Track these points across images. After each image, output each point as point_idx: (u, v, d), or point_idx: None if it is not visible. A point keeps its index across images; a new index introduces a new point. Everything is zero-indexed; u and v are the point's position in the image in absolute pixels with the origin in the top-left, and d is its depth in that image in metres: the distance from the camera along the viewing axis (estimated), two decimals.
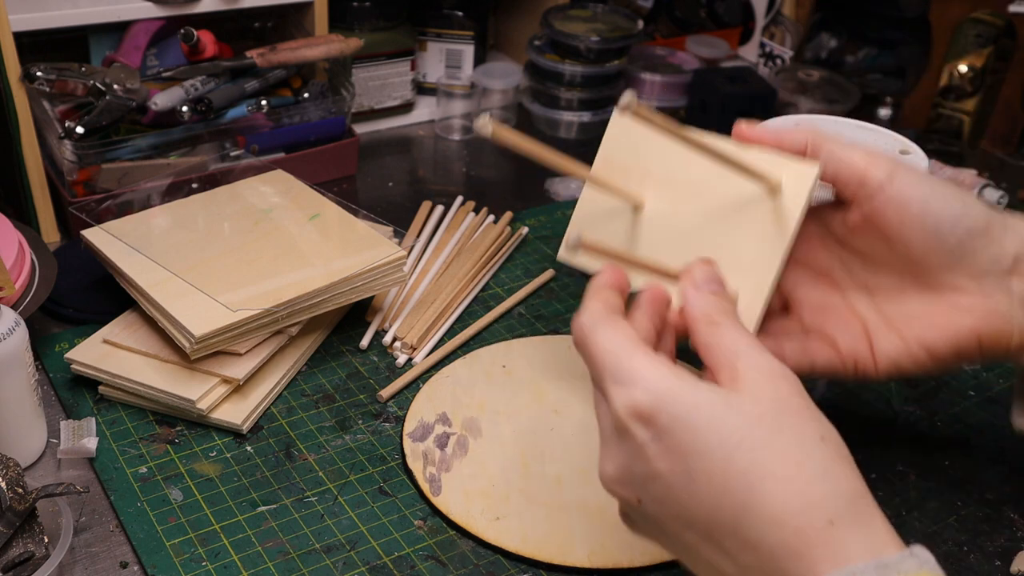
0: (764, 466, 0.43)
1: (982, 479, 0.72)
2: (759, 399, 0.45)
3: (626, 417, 0.46)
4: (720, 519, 0.43)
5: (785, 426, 0.44)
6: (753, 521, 0.43)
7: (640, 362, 0.46)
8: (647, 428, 0.45)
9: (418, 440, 0.72)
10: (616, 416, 0.46)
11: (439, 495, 0.68)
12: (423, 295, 0.86)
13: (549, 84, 1.15)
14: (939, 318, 0.56)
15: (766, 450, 0.43)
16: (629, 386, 0.46)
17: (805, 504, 0.42)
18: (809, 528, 0.42)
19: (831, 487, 0.43)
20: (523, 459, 0.70)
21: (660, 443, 0.45)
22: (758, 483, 0.43)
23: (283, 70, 0.99)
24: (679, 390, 0.45)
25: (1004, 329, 0.55)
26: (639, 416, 0.45)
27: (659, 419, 0.45)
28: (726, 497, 0.43)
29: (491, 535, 0.65)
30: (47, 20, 0.85)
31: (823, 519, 0.42)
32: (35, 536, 0.60)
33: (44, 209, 0.90)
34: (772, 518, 0.42)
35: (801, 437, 0.44)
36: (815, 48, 1.35)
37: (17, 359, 0.65)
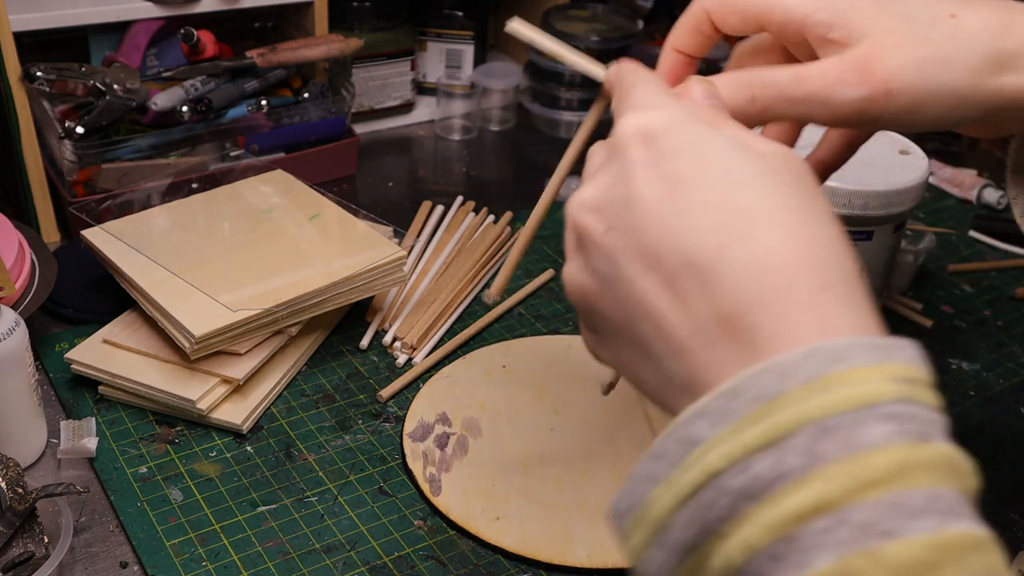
0: (770, 212, 0.37)
1: (982, 479, 0.72)
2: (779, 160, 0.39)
3: (627, 134, 0.40)
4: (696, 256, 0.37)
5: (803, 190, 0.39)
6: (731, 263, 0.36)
7: (668, 98, 0.42)
8: (647, 147, 0.39)
9: (418, 440, 0.72)
10: (617, 135, 0.41)
11: (439, 495, 0.68)
12: (423, 295, 0.86)
13: (549, 84, 1.15)
14: None
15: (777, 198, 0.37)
16: (645, 111, 0.41)
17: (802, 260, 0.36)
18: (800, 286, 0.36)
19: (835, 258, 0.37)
20: (523, 459, 0.70)
21: (656, 167, 0.39)
22: (757, 224, 0.37)
23: (283, 70, 0.99)
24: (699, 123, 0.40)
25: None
26: (643, 134, 0.40)
27: (665, 140, 0.39)
28: (714, 234, 0.36)
29: (491, 535, 0.65)
30: (47, 20, 0.85)
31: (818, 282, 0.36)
32: (35, 536, 0.60)
33: (44, 209, 0.90)
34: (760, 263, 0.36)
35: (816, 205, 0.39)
36: None
37: (17, 359, 0.65)
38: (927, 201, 1.08)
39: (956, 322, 0.89)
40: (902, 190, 0.77)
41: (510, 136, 1.17)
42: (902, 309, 0.90)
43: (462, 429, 0.73)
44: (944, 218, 1.05)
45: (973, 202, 1.08)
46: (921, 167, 0.80)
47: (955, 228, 1.03)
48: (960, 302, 0.92)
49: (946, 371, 0.83)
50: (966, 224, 1.04)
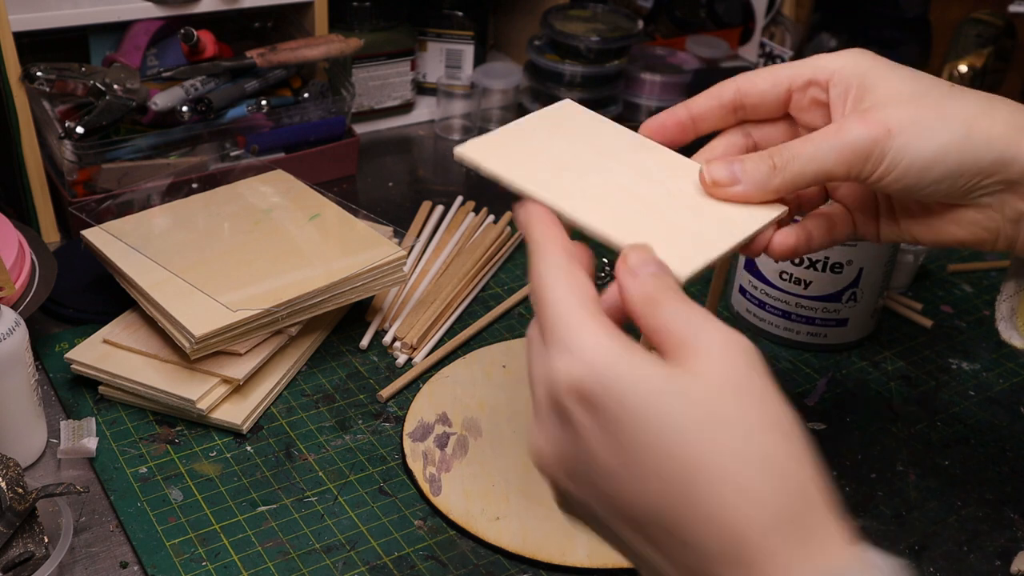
0: (704, 458, 0.38)
1: (982, 479, 0.72)
2: (709, 378, 0.40)
3: (565, 393, 0.41)
4: (658, 516, 0.39)
5: (732, 412, 0.40)
6: (691, 522, 0.38)
7: (587, 329, 0.42)
8: (590, 413, 0.41)
9: (418, 440, 0.72)
10: (554, 388, 0.42)
11: (439, 495, 0.68)
12: (423, 295, 0.86)
13: (549, 84, 1.15)
14: (930, 227, 0.60)
15: (708, 440, 0.39)
16: (569, 355, 0.41)
17: (745, 503, 0.38)
18: (749, 534, 0.38)
19: (776, 485, 0.39)
20: (523, 459, 0.70)
21: (598, 427, 0.40)
22: (697, 478, 0.38)
23: (283, 70, 0.99)
24: (620, 365, 0.41)
25: (988, 239, 0.58)
26: (580, 396, 0.41)
27: (598, 399, 0.40)
28: (665, 495, 0.39)
29: (491, 535, 0.65)
30: (47, 20, 0.85)
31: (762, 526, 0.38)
32: (35, 536, 0.60)
33: (44, 209, 0.90)
34: (711, 519, 0.38)
35: (748, 426, 0.40)
36: (815, 48, 1.35)
37: (17, 359, 0.65)
38: None
39: (956, 322, 0.89)
40: None
41: None
42: (902, 309, 0.90)
43: (462, 429, 0.73)
44: None
45: None
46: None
47: None
48: (960, 302, 0.92)
49: (946, 371, 0.83)
50: None
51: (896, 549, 0.66)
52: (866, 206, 0.62)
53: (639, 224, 0.55)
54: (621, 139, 0.62)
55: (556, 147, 0.61)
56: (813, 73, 0.59)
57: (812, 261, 0.80)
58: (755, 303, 0.85)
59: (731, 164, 0.56)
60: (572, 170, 0.59)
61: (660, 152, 0.61)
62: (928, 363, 0.84)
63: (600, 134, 0.63)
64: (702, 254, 0.53)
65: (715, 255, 0.54)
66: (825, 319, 0.83)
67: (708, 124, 0.62)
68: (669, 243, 0.53)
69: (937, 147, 0.54)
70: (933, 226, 0.59)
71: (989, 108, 0.55)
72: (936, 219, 0.59)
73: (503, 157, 0.59)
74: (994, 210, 0.57)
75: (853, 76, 0.57)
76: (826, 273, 0.80)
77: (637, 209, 0.57)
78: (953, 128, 0.54)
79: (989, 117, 0.54)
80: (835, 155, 0.54)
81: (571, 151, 0.61)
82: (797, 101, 0.60)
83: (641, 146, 0.62)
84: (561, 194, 0.57)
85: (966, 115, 0.54)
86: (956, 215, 0.58)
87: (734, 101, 0.61)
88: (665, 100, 1.21)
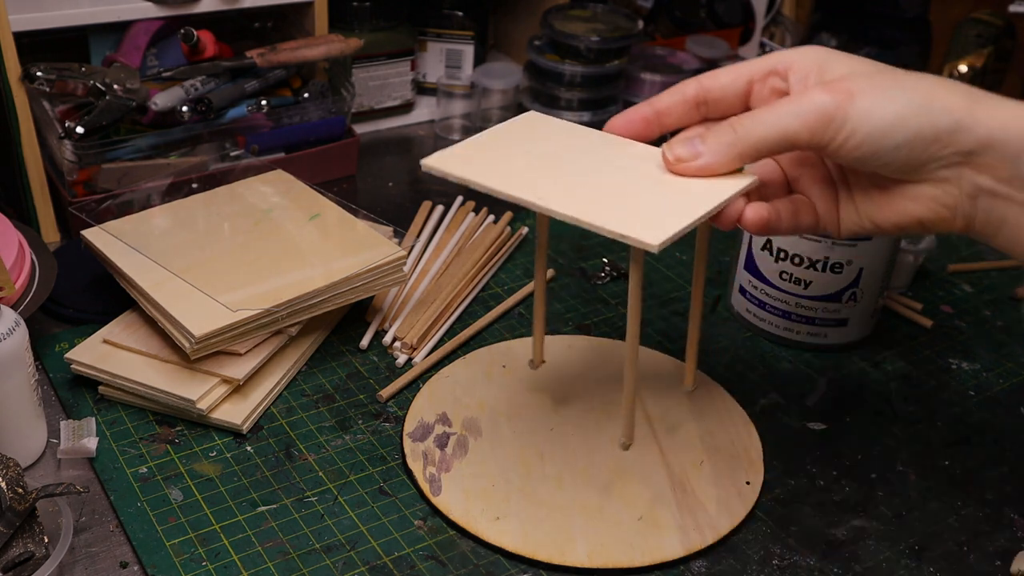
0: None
1: (982, 479, 0.72)
2: None
3: None
4: None
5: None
6: None
7: None
8: None
9: (418, 440, 0.72)
10: None
11: (439, 495, 0.68)
12: (423, 295, 0.86)
13: (549, 84, 1.15)
14: (888, 205, 0.60)
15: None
16: None
17: None
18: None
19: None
20: (523, 459, 0.70)
21: None
22: None
23: (283, 70, 0.99)
24: None
25: (947, 216, 0.59)
26: None
27: None
28: None
29: (491, 535, 0.65)
30: (47, 20, 0.85)
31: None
32: (35, 536, 0.60)
33: (44, 209, 0.90)
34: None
35: None
36: None
37: (17, 359, 0.65)
38: None
39: (956, 322, 0.89)
40: None
41: None
42: (902, 309, 0.90)
43: (462, 429, 0.73)
44: None
45: None
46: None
47: None
48: (960, 302, 0.92)
49: (946, 371, 0.83)
50: None
51: (896, 549, 0.66)
52: (825, 192, 0.63)
53: (610, 207, 0.57)
54: (587, 138, 0.64)
55: (523, 151, 0.63)
56: (773, 65, 0.61)
57: (812, 261, 0.80)
58: (755, 303, 0.85)
59: (691, 139, 0.59)
60: (541, 169, 0.61)
61: (625, 144, 0.63)
62: (928, 363, 0.84)
63: (566, 136, 0.64)
64: (672, 225, 0.55)
65: (686, 223, 0.55)
66: (825, 319, 0.83)
67: (672, 119, 0.63)
68: (640, 219, 0.55)
69: (896, 111, 0.55)
70: (892, 204, 0.60)
71: (943, 83, 0.57)
72: (895, 197, 0.59)
73: (471, 164, 0.61)
74: (951, 184, 0.57)
75: (812, 63, 0.59)
76: (826, 273, 0.80)
77: (607, 194, 0.58)
78: (911, 96, 0.56)
79: (945, 88, 0.56)
80: (799, 120, 0.56)
81: (537, 152, 0.62)
82: (758, 92, 0.62)
83: (607, 142, 0.63)
84: (530, 189, 0.58)
85: (923, 86, 0.56)
86: (914, 191, 0.58)
87: (697, 96, 0.62)
88: None
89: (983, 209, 0.57)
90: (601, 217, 0.55)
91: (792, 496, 0.70)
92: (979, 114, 0.55)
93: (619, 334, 0.85)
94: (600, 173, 0.60)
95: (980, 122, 0.55)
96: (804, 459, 0.73)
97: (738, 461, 0.71)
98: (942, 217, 0.58)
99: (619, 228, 0.54)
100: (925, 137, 0.55)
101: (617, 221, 0.55)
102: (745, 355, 0.84)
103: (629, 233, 0.54)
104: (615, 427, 0.73)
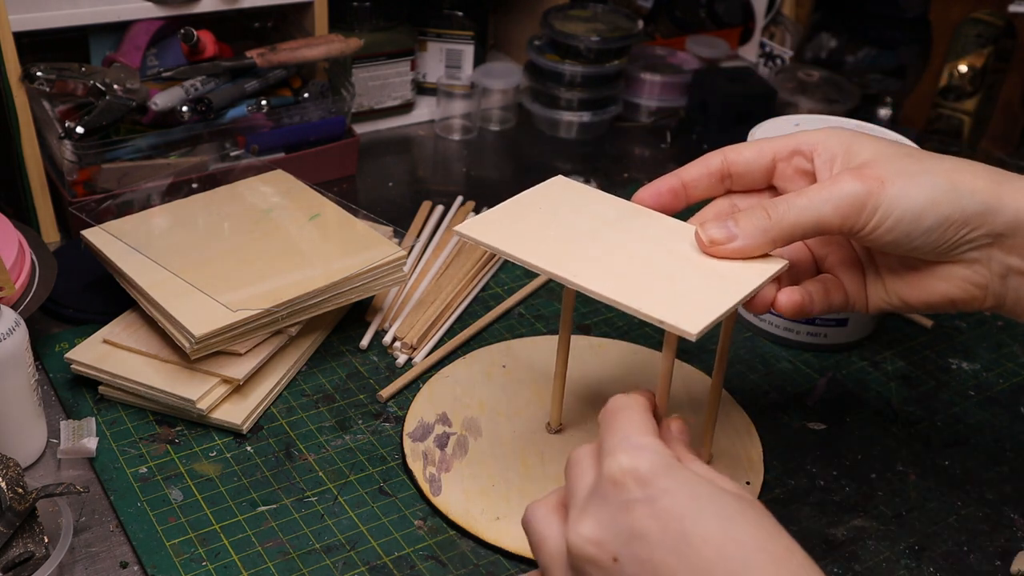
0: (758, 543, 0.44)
1: (982, 479, 0.72)
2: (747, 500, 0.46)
3: (622, 474, 0.46)
4: None
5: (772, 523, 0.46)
6: None
7: (655, 442, 0.48)
8: (643, 488, 0.45)
9: (418, 440, 0.72)
10: (610, 472, 0.46)
11: (439, 495, 0.68)
12: (423, 295, 0.86)
13: (549, 84, 1.15)
14: (918, 285, 0.61)
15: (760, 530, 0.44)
16: (635, 452, 0.47)
17: None
18: None
19: None
20: (523, 459, 0.70)
21: (654, 503, 0.45)
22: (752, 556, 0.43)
23: (283, 70, 0.99)
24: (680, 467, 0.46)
25: (978, 295, 0.59)
26: (637, 477, 0.46)
27: (658, 481, 0.45)
28: (718, 564, 0.43)
29: (491, 535, 0.65)
30: (47, 20, 0.85)
31: None
32: (35, 536, 0.60)
33: (44, 209, 0.90)
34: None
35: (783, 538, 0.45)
36: (815, 48, 1.35)
37: (17, 359, 0.65)
38: None
39: (956, 322, 0.89)
40: None
41: (510, 136, 1.18)
42: None
43: (462, 429, 0.73)
44: None
45: None
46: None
47: None
48: None
49: (946, 371, 0.83)
50: None
51: (896, 549, 0.66)
52: (852, 271, 0.64)
53: (643, 287, 0.58)
54: (615, 208, 0.64)
55: (553, 220, 0.63)
56: (797, 144, 0.61)
57: None
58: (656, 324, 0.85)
59: (725, 222, 0.59)
60: (572, 241, 0.61)
61: (655, 218, 0.63)
62: (928, 363, 0.84)
63: (594, 205, 0.65)
64: (710, 312, 0.55)
65: (722, 311, 0.56)
66: (825, 319, 0.83)
67: (699, 191, 0.64)
68: (675, 304, 0.56)
69: (927, 197, 0.56)
70: (922, 284, 0.60)
71: (966, 165, 0.58)
72: (925, 277, 0.60)
73: (503, 233, 0.62)
74: (982, 265, 0.58)
75: (838, 145, 0.60)
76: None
77: (640, 273, 0.59)
78: (939, 180, 0.56)
79: (969, 172, 0.57)
80: (831, 206, 0.57)
81: (568, 223, 0.63)
82: (782, 171, 0.62)
83: (636, 213, 0.64)
84: (565, 264, 0.59)
85: (947, 169, 0.57)
86: (944, 271, 0.59)
87: (721, 170, 0.63)
88: (665, 100, 1.21)
89: (1013, 288, 0.58)
90: (637, 300, 0.56)
91: (792, 496, 0.70)
92: (1006, 197, 0.56)
93: (618, 334, 0.85)
94: (631, 249, 0.61)
95: (1007, 204, 0.56)
96: (804, 459, 0.73)
97: (738, 461, 0.71)
98: (973, 296, 0.59)
99: (657, 314, 0.55)
100: (954, 221, 0.56)
101: (653, 305, 0.56)
102: (745, 355, 0.84)
103: (667, 320, 0.55)
104: None
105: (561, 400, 0.70)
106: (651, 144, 1.18)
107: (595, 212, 0.64)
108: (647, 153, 1.16)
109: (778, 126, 0.85)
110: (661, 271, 0.59)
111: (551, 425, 0.72)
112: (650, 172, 1.11)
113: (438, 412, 0.74)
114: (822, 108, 1.19)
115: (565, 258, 0.59)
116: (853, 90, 1.23)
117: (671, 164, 1.13)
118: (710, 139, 1.16)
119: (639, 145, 1.18)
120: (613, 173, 1.11)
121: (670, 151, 1.17)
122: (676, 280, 0.58)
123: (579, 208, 0.65)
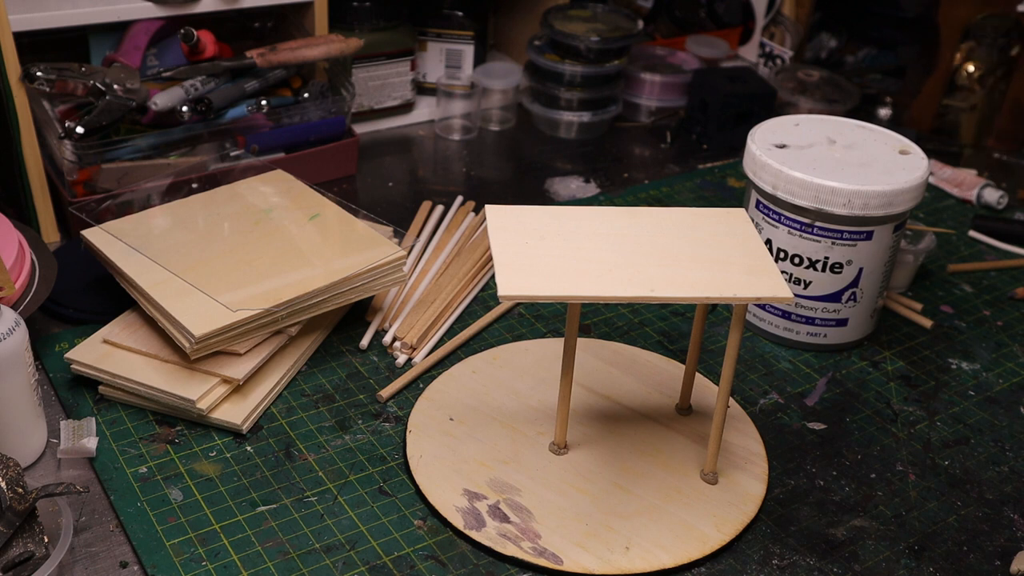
0: None
1: (982, 479, 0.72)
2: None
3: None
4: None
5: None
6: None
7: None
8: None
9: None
10: None
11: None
12: (423, 295, 0.86)
13: (549, 84, 1.15)
14: None
15: None
16: None
17: None
18: None
19: None
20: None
21: None
22: None
23: (283, 70, 0.99)
24: None
25: None
26: None
27: None
28: None
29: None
30: (47, 20, 0.85)
31: None
32: (35, 536, 0.60)
33: (44, 209, 0.90)
34: None
35: None
36: (815, 48, 1.35)
37: (17, 359, 0.65)
38: (927, 201, 1.08)
39: (956, 322, 0.89)
40: (902, 190, 0.77)
41: (510, 136, 1.18)
42: (902, 309, 0.90)
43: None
44: (944, 218, 1.05)
45: (973, 202, 1.08)
46: (921, 167, 0.80)
47: (955, 228, 1.03)
48: (960, 302, 0.92)
49: (946, 371, 0.83)
50: (966, 224, 1.04)
51: (896, 549, 0.66)
52: None
53: (707, 276, 0.61)
54: (590, 216, 0.67)
55: (554, 248, 0.64)
56: None
57: (812, 261, 0.80)
58: (755, 303, 0.85)
59: None
60: (598, 261, 0.63)
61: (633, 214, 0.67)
62: (928, 363, 0.84)
63: (574, 221, 0.67)
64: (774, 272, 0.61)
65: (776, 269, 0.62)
66: (825, 319, 0.83)
67: None
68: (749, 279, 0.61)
69: None
70: None
71: None
72: None
73: (539, 280, 0.62)
74: None
75: None
76: (826, 273, 0.80)
77: (690, 265, 0.61)
78: None
79: None
80: None
81: (572, 246, 0.64)
82: None
83: (618, 215, 0.67)
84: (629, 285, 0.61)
85: None
86: None
87: None
88: (665, 100, 1.21)
89: None
90: (718, 290, 0.59)
91: (792, 496, 0.70)
92: None
93: (618, 335, 0.85)
94: (649, 250, 0.62)
95: None
96: (804, 459, 0.73)
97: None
98: None
99: (751, 293, 0.59)
100: None
101: (736, 288, 0.59)
102: (745, 355, 0.84)
103: (764, 294, 0.59)
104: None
105: (566, 420, 0.70)
106: (651, 144, 1.18)
107: (573, 228, 0.65)
108: (647, 153, 1.16)
109: (778, 126, 0.85)
110: (703, 257, 0.60)
111: (556, 445, 0.71)
112: (650, 172, 1.11)
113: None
114: (822, 108, 1.19)
115: (618, 278, 0.61)
116: (853, 90, 1.23)
117: (671, 164, 1.13)
118: (710, 139, 1.16)
119: (639, 145, 1.18)
120: (613, 173, 1.11)
121: (670, 151, 1.17)
122: (718, 260, 0.59)
123: (554, 230, 0.65)
